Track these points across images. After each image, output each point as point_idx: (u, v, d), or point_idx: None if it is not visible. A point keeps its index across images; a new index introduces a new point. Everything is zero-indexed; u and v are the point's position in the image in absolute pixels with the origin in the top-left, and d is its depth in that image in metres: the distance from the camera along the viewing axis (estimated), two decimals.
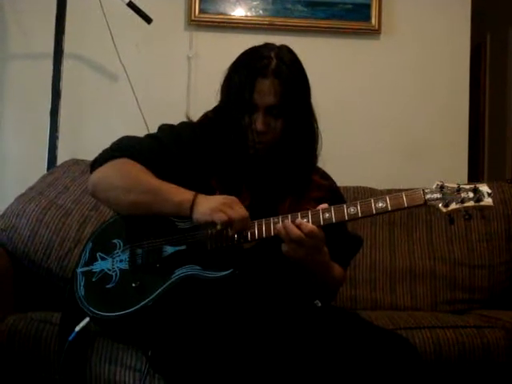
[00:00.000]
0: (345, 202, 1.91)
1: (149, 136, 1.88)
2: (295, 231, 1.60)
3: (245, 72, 1.77)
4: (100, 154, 1.82)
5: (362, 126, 3.27)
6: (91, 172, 1.82)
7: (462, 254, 2.54)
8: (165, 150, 1.80)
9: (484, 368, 2.01)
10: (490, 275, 2.51)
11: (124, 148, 1.80)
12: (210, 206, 1.63)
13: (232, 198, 1.65)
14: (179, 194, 1.67)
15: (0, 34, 3.15)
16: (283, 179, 1.82)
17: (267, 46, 1.82)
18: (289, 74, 1.76)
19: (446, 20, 3.32)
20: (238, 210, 1.63)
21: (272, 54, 1.77)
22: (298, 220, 1.61)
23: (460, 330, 2.05)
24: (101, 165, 1.78)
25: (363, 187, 2.68)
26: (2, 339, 1.92)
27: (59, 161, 2.83)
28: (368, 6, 3.21)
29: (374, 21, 3.22)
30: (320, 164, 1.97)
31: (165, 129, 1.90)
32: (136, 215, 1.75)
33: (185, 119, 1.94)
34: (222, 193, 1.74)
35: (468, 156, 3.36)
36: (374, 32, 3.25)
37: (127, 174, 1.74)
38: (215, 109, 1.89)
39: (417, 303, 2.47)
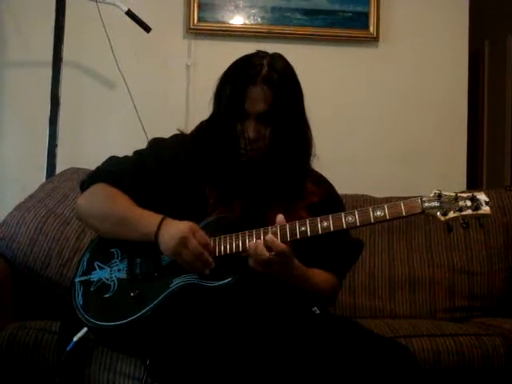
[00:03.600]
0: (343, 207, 1.93)
1: (135, 153, 1.91)
2: (264, 253, 1.61)
3: (236, 80, 1.78)
4: (86, 177, 1.87)
5: (360, 133, 3.27)
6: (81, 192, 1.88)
7: (461, 261, 2.54)
8: (147, 170, 1.83)
9: (483, 376, 2.01)
10: (489, 282, 2.51)
11: (105, 173, 1.84)
12: (168, 247, 1.66)
13: (186, 231, 1.65)
14: (145, 226, 1.70)
15: None
16: (274, 187, 1.82)
17: (259, 54, 1.83)
18: (279, 80, 1.76)
19: (444, 27, 3.32)
20: (192, 249, 1.63)
21: (264, 62, 1.78)
22: (269, 237, 1.62)
23: (459, 338, 2.05)
24: (86, 188, 1.83)
25: (362, 195, 2.68)
26: (0, 348, 1.92)
27: (58, 169, 2.83)
28: (366, 14, 3.21)
29: (372, 29, 3.22)
30: (317, 170, 1.97)
31: (153, 144, 1.94)
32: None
33: (186, 126, 1.97)
34: (215, 201, 1.78)
35: (466, 162, 3.36)
36: (373, 40, 3.25)
37: (101, 204, 1.79)
38: (209, 118, 1.90)
39: (416, 311, 2.47)
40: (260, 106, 1.75)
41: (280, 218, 1.66)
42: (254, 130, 1.76)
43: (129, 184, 1.80)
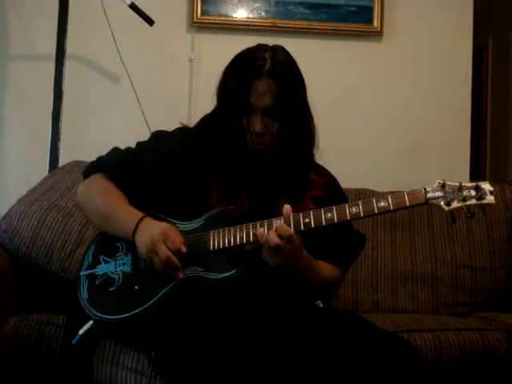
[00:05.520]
0: (346, 200, 1.93)
1: (137, 145, 1.93)
2: (274, 238, 1.59)
3: (240, 74, 1.77)
4: (87, 166, 1.91)
5: (363, 128, 3.27)
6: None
7: (464, 256, 2.53)
8: (143, 163, 1.84)
9: (486, 371, 2.01)
10: (491, 278, 2.51)
11: (103, 163, 1.87)
12: (142, 251, 1.67)
13: (157, 237, 1.65)
14: (124, 225, 1.72)
15: (2, 35, 3.16)
16: (281, 180, 1.82)
17: (261, 47, 1.83)
18: (284, 73, 1.76)
19: (449, 22, 3.32)
20: (161, 255, 1.63)
21: (266, 55, 1.77)
22: (277, 223, 1.61)
23: (462, 332, 2.05)
24: (87, 177, 1.88)
25: (365, 189, 2.68)
26: (3, 341, 1.92)
27: (61, 162, 2.83)
28: (370, 9, 3.21)
29: (376, 23, 3.22)
30: (321, 164, 1.97)
31: (152, 138, 1.94)
32: None
33: (189, 120, 1.97)
34: (219, 195, 1.77)
35: (470, 158, 3.35)
36: (377, 34, 3.25)
37: (95, 197, 1.83)
38: (212, 112, 1.90)
39: (418, 306, 2.47)
40: (266, 99, 1.74)
41: (286, 207, 1.65)
42: (261, 124, 1.76)
43: (123, 176, 1.83)
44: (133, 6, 2.89)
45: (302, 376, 1.47)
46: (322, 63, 3.20)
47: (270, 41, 1.87)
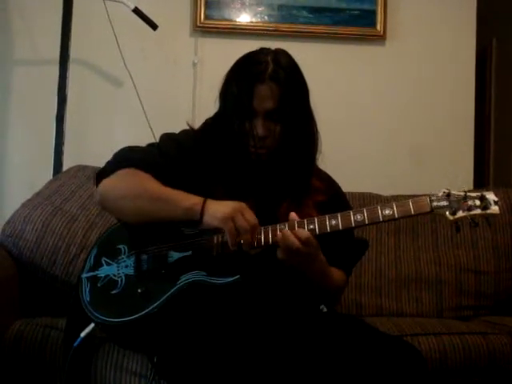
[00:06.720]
0: (349, 206, 1.93)
1: (150, 145, 1.90)
2: (293, 240, 1.60)
3: (242, 78, 1.77)
4: (105, 166, 1.83)
5: (367, 131, 3.27)
6: (97, 183, 1.82)
7: (468, 260, 2.53)
8: (166, 159, 1.81)
9: (490, 374, 2.01)
10: (496, 281, 2.50)
11: (129, 158, 1.81)
12: (222, 211, 1.62)
13: (242, 205, 1.64)
14: (188, 199, 1.67)
15: (6, 39, 3.16)
16: (284, 184, 1.82)
17: (263, 51, 1.82)
18: (286, 77, 1.75)
19: (452, 25, 3.32)
20: (249, 219, 1.62)
21: (268, 59, 1.77)
22: (296, 228, 1.62)
23: (466, 336, 2.05)
24: (107, 176, 1.79)
25: (368, 193, 2.68)
26: (7, 345, 1.93)
27: (65, 166, 2.84)
28: (373, 12, 3.21)
29: (379, 27, 3.22)
30: (324, 169, 1.97)
31: (165, 138, 1.91)
32: (145, 223, 1.75)
33: (193, 124, 1.96)
34: (227, 198, 1.75)
35: (474, 162, 3.35)
36: (380, 38, 3.25)
37: (134, 183, 1.75)
38: (215, 116, 1.89)
39: (422, 309, 2.47)
40: (268, 103, 1.74)
41: (293, 215, 1.65)
42: (263, 128, 1.76)
43: (154, 169, 1.77)
44: (136, 11, 2.89)
45: (306, 381, 1.48)
46: (325, 67, 3.20)
47: (272, 45, 1.87)
